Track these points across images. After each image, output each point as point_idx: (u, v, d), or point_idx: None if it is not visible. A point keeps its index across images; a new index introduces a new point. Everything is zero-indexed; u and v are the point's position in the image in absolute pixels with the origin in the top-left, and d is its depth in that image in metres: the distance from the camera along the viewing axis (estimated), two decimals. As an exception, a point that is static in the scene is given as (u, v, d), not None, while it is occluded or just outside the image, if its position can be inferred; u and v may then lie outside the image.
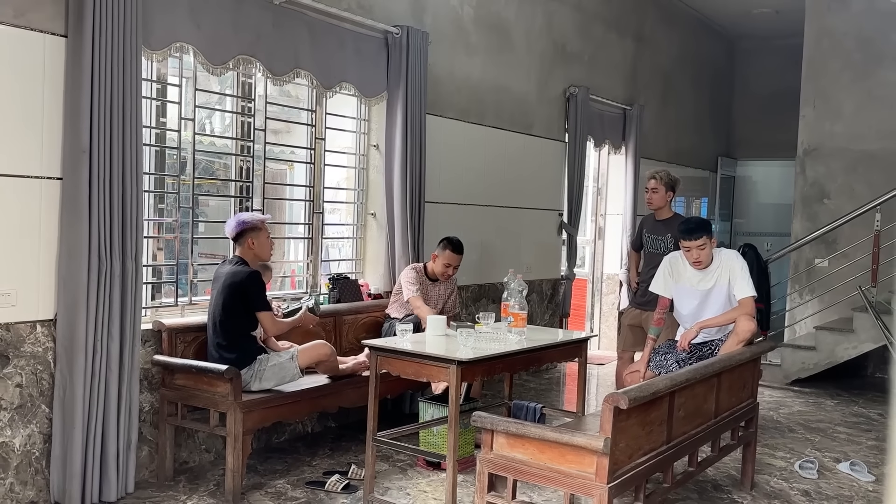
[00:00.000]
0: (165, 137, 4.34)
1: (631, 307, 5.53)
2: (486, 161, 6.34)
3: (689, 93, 9.74)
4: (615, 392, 2.77)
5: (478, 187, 6.29)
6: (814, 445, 5.20)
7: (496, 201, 6.53)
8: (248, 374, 3.97)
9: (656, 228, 5.33)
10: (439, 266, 4.97)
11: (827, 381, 7.17)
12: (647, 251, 5.40)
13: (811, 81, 7.82)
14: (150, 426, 4.09)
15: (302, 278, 5.30)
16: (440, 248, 4.98)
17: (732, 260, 4.17)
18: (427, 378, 3.73)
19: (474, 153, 6.23)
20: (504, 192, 6.59)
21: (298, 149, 5.35)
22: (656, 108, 8.93)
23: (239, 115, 4.73)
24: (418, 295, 4.84)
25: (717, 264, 4.16)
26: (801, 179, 7.85)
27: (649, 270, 5.13)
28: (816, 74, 7.80)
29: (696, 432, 3.47)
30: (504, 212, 6.63)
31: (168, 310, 4.35)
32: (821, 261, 7.56)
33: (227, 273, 4.00)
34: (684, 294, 4.23)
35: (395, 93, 5.26)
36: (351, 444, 4.76)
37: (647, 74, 8.70)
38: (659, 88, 9.03)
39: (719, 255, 4.19)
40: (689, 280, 4.21)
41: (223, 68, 4.28)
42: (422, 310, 4.69)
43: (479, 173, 6.28)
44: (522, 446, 2.89)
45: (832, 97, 7.72)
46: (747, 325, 4.01)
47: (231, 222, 4.12)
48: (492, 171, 6.42)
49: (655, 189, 5.25)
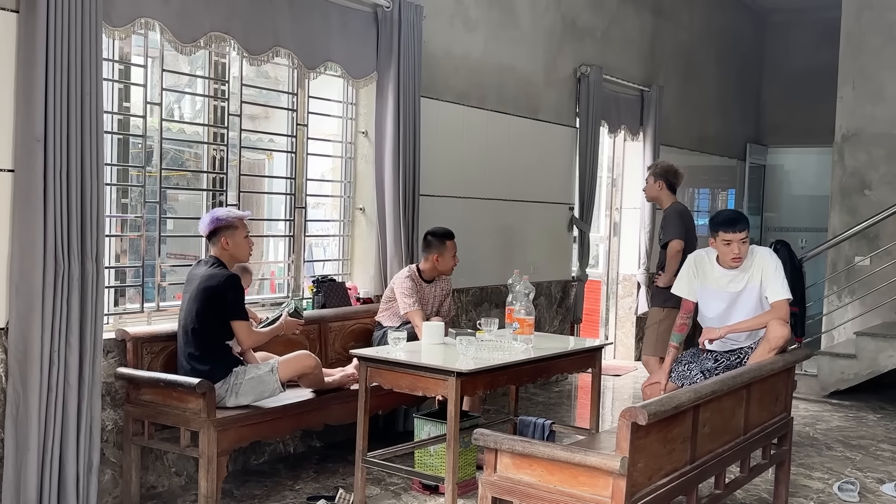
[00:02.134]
0: (129, 124, 4.33)
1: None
2: (488, 149, 6.34)
3: (713, 72, 9.75)
4: (633, 406, 2.77)
5: (479, 179, 6.29)
6: (854, 465, 5.20)
7: (499, 194, 6.53)
8: (224, 388, 3.97)
9: (661, 220, 5.75)
10: (448, 262, 5.01)
11: (869, 393, 7.18)
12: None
13: (850, 59, 7.82)
14: (114, 447, 4.08)
15: (282, 281, 5.30)
16: (437, 245, 4.97)
17: (766, 259, 4.15)
18: (423, 392, 3.73)
19: (475, 141, 6.22)
20: (508, 184, 6.59)
21: (278, 136, 5.35)
22: (677, 89, 8.94)
23: (211, 99, 4.72)
24: (417, 309, 4.83)
25: (750, 263, 4.14)
26: (839, 168, 7.86)
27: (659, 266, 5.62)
28: (856, 51, 7.80)
29: (723, 451, 3.46)
30: (508, 206, 6.63)
31: (133, 317, 4.34)
32: (861, 259, 7.57)
33: (202, 276, 4.00)
34: (710, 296, 4.22)
35: (385, 73, 5.25)
36: (338, 465, 4.75)
37: (667, 52, 8.71)
38: (680, 67, 9.03)
39: (752, 254, 4.16)
40: (717, 281, 4.19)
41: (193, 47, 4.27)
42: (422, 329, 4.65)
43: (480, 163, 6.28)
44: (529, 467, 2.89)
45: (874, 76, 7.73)
46: (780, 331, 4.00)
47: (205, 219, 4.12)
48: (494, 160, 6.42)
49: (647, 180, 5.78)
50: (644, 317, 8.14)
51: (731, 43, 10.11)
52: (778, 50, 10.86)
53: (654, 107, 8.13)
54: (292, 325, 4.30)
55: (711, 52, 9.66)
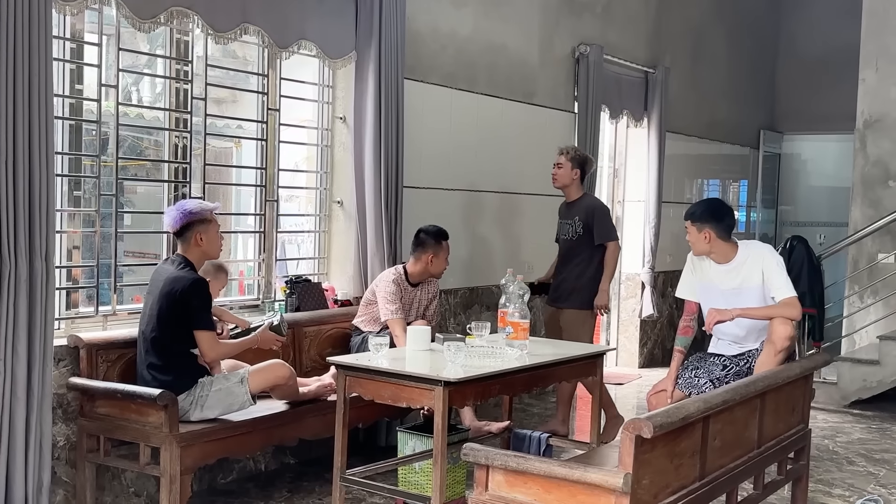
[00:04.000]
0: (82, 109, 4.31)
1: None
2: (478, 137, 6.35)
3: (724, 52, 9.79)
4: (637, 418, 2.78)
5: (468, 169, 6.29)
6: (878, 481, 5.24)
7: (491, 186, 6.54)
8: (188, 400, 3.96)
9: (564, 212, 5.72)
10: (442, 264, 5.03)
11: (894, 402, 7.22)
12: (559, 239, 5.77)
13: (873, 38, 7.86)
14: (67, 465, 4.06)
15: (252, 282, 5.29)
16: (432, 245, 4.96)
17: (765, 255, 4.24)
18: (407, 403, 3.73)
19: (463, 127, 6.23)
20: (500, 174, 6.59)
21: (247, 122, 5.34)
22: (685, 71, 8.97)
23: (173, 82, 4.70)
24: (399, 318, 4.82)
25: (744, 259, 4.23)
26: (861, 157, 7.90)
27: (563, 263, 5.68)
28: (880, 29, 7.83)
29: (735, 466, 3.48)
30: (500, 199, 6.64)
31: (87, 321, 4.32)
32: (885, 256, 7.61)
33: (168, 279, 3.97)
34: (708, 294, 4.32)
35: (365, 53, 5.25)
36: (314, 484, 4.74)
37: (674, 30, 8.73)
38: (688, 47, 9.06)
39: (747, 249, 4.26)
40: (713, 278, 4.30)
41: (153, 23, 4.25)
42: (402, 339, 4.62)
43: (469, 152, 6.28)
44: (524, 485, 2.89)
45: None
46: (783, 331, 4.04)
47: (172, 213, 4.09)
48: (485, 148, 6.42)
49: (560, 164, 5.62)
50: (649, 319, 8.20)
51: (743, 20, 10.15)
52: (795, 28, 10.90)
53: (660, 90, 8.15)
54: (269, 340, 4.27)
55: (722, 31, 9.70)
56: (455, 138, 6.17)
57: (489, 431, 4.75)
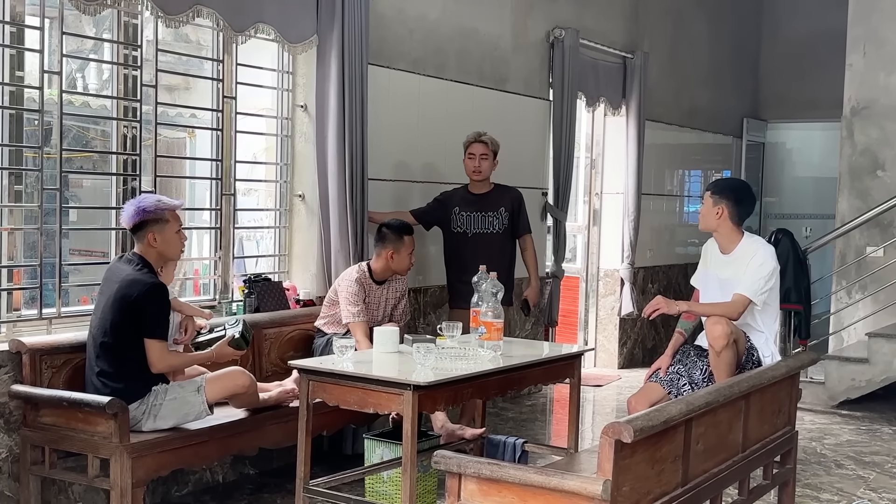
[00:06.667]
0: (23, 97, 4.26)
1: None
2: (448, 126, 6.35)
3: (705, 37, 9.86)
4: (616, 421, 2.80)
5: (437, 160, 6.30)
6: (867, 484, 5.31)
7: (461, 178, 6.54)
8: (140, 409, 3.93)
9: (479, 204, 5.66)
10: (404, 260, 5.02)
11: (883, 402, 7.31)
12: (464, 233, 5.62)
13: (860, 21, 7.93)
14: (9, 478, 4.02)
15: (208, 281, 5.26)
16: (392, 240, 4.97)
17: (756, 254, 4.36)
18: (374, 408, 3.73)
19: (432, 116, 6.23)
20: (471, 165, 6.59)
21: (201, 111, 5.30)
22: (665, 56, 9.02)
23: (121, 68, 4.66)
24: (361, 321, 4.83)
25: (742, 252, 4.38)
26: (849, 146, 7.98)
27: (485, 259, 5.08)
28: (867, 11, 7.91)
29: (719, 470, 3.51)
30: (471, 191, 6.64)
31: (30, 325, 4.28)
32: (874, 250, 7.69)
33: (124, 280, 3.92)
34: (707, 283, 4.48)
35: (327, 37, 5.23)
36: (276, 495, 4.73)
37: (653, 13, 8.78)
38: (668, 31, 9.12)
39: (749, 244, 4.41)
40: (713, 267, 4.46)
41: (99, 5, 4.22)
42: (363, 344, 4.65)
43: (438, 142, 6.28)
44: (499, 493, 2.90)
45: (887, 41, 7.84)
46: (713, 330, 4.14)
47: (128, 209, 4.05)
48: (455, 138, 6.42)
49: (485, 155, 5.64)
50: (629, 318, 8.25)
51: (725, 3, 10.23)
52: (779, 11, 10.99)
53: (639, 76, 8.20)
54: (227, 355, 4.22)
55: (703, 14, 9.77)
56: (423, 127, 6.16)
57: (462, 437, 4.76)
